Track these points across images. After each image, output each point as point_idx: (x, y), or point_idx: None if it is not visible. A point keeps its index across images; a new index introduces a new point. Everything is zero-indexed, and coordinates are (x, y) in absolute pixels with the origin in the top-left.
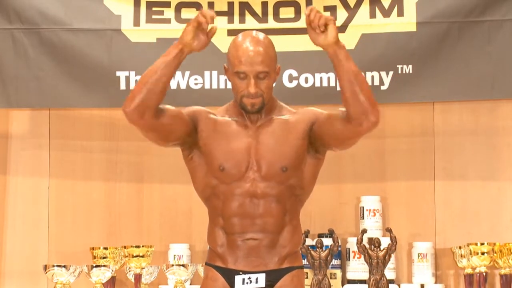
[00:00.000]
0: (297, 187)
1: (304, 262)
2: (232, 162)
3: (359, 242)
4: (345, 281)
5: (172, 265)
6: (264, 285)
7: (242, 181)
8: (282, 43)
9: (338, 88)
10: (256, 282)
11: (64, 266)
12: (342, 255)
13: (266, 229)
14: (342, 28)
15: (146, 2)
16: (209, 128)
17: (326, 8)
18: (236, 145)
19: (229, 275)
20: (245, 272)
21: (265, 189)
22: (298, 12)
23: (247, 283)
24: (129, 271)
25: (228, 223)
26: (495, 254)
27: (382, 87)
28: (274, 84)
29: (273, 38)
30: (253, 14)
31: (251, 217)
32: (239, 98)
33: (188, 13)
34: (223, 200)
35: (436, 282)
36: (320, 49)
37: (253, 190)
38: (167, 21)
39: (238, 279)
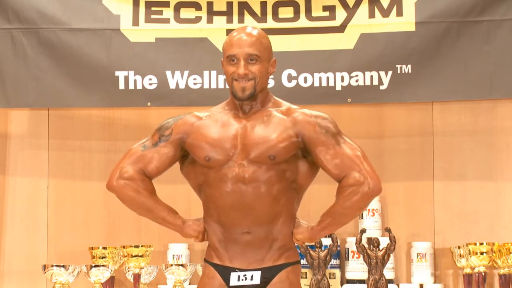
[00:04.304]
0: (291, 180)
1: (303, 262)
2: (218, 149)
3: (358, 242)
4: (344, 281)
5: (171, 265)
6: (259, 283)
7: (230, 165)
8: (281, 43)
9: (337, 88)
10: (251, 279)
11: (63, 266)
12: (341, 255)
13: (259, 220)
14: (341, 28)
15: (145, 1)
16: (195, 130)
17: (325, 8)
18: (223, 133)
19: (225, 272)
20: (241, 270)
21: (253, 174)
22: (297, 12)
23: (242, 280)
24: (128, 271)
25: (222, 213)
26: (494, 254)
27: (381, 87)
28: (272, 82)
29: (272, 38)
30: (252, 14)
31: (243, 206)
32: (231, 83)
33: (187, 13)
34: (214, 187)
35: (435, 282)
36: (319, 49)
37: (241, 174)
38: (166, 20)
39: (233, 276)
